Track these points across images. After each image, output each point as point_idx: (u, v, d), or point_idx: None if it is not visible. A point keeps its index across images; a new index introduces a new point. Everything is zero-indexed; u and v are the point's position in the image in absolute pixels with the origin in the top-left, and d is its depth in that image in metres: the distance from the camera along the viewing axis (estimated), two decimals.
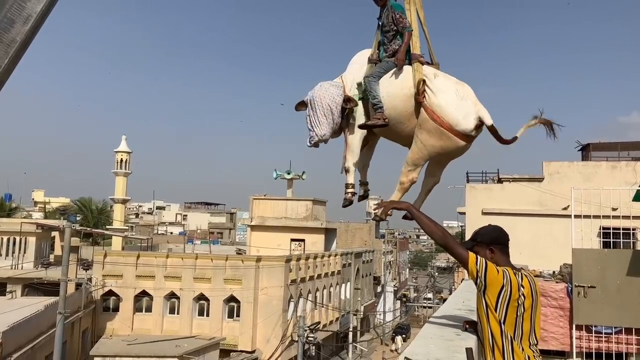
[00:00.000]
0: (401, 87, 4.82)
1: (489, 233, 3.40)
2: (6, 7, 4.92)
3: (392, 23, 5.04)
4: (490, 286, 3.09)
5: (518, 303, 3.10)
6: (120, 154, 42.03)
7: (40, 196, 72.45)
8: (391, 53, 5.07)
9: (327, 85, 5.09)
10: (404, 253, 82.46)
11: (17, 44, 4.76)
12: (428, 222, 3.37)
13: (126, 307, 29.88)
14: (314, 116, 5.00)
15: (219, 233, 77.46)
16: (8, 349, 17.50)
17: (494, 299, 3.08)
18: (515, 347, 3.07)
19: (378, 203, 3.76)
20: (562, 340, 8.11)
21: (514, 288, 3.10)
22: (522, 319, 3.12)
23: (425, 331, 3.42)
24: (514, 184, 21.89)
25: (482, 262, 3.13)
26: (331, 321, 37.62)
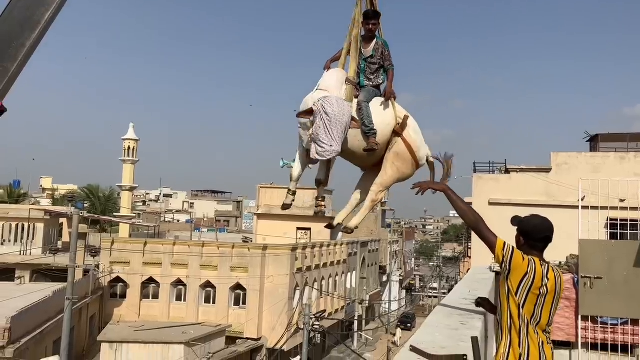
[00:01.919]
0: (384, 118, 5.28)
1: (525, 225, 3.55)
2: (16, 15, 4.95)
3: (380, 58, 5.48)
4: (514, 271, 3.28)
5: (540, 292, 3.28)
6: (128, 142, 42.12)
7: (48, 183, 72.82)
8: (374, 85, 5.50)
9: (342, 101, 5.14)
10: (410, 243, 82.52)
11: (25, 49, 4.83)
12: (462, 206, 3.60)
13: (133, 294, 30.11)
14: (330, 131, 4.99)
15: (225, 221, 77.70)
16: (17, 334, 17.69)
17: (516, 284, 3.28)
18: (530, 330, 3.27)
19: (415, 183, 3.90)
20: (568, 330, 8.12)
21: (538, 277, 3.27)
22: (542, 309, 3.31)
23: (431, 320, 3.43)
24: (522, 175, 21.79)
25: (509, 248, 3.32)
26: (337, 310, 37.77)
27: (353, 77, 5.41)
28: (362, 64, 5.49)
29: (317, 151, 4.98)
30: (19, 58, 4.69)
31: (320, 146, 4.96)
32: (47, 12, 4.83)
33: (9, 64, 4.62)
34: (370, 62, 5.48)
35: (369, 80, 5.49)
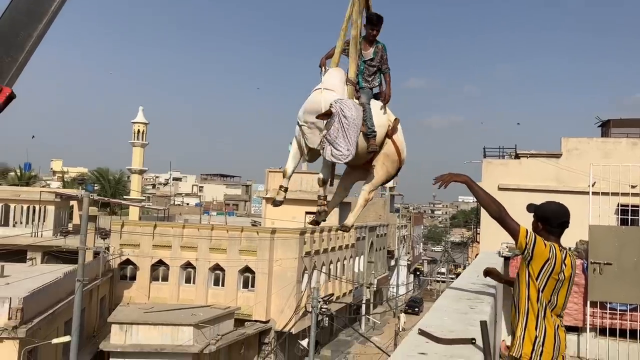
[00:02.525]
0: (381, 120, 5.41)
1: (543, 211, 3.63)
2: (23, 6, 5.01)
3: (379, 61, 5.56)
4: (536, 258, 3.37)
5: (558, 277, 3.38)
6: (138, 125, 42.22)
7: (58, 166, 73.28)
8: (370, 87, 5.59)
9: (356, 104, 5.21)
10: (419, 227, 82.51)
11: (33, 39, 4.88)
12: (484, 196, 3.67)
13: (143, 276, 30.39)
14: (348, 134, 5.02)
15: (234, 205, 77.94)
16: (29, 315, 17.93)
17: (537, 270, 3.38)
18: (547, 313, 3.39)
19: (437, 177, 3.88)
20: (576, 316, 8.11)
21: (558, 263, 3.37)
22: (558, 294, 3.42)
23: (439, 304, 3.44)
24: (532, 160, 21.64)
25: (532, 236, 3.40)
26: (344, 293, 37.96)
27: (353, 78, 5.47)
28: (362, 66, 5.54)
29: (334, 154, 4.99)
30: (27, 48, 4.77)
31: (337, 149, 4.98)
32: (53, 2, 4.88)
33: (17, 54, 4.72)
34: (370, 65, 5.56)
35: (367, 82, 5.57)
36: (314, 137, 5.18)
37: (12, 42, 4.68)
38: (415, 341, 2.35)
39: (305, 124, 5.21)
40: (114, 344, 23.81)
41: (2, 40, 4.67)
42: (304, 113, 5.23)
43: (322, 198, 5.66)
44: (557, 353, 3.37)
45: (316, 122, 5.09)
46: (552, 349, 3.35)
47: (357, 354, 35.75)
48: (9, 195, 32.40)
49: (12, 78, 4.71)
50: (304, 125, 5.23)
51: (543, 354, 3.33)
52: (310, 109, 5.16)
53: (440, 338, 2.35)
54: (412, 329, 2.58)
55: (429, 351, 2.20)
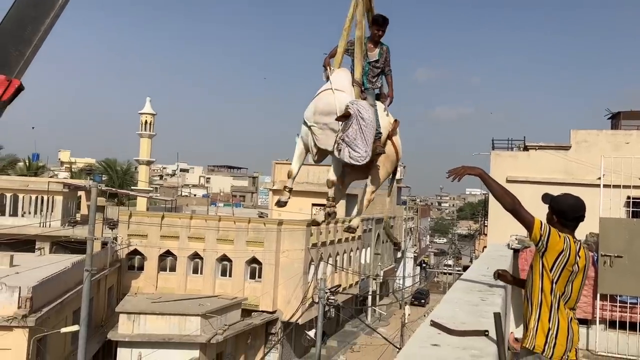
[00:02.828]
0: (384, 122, 5.45)
1: (559, 204, 3.60)
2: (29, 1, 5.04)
3: (383, 62, 5.61)
4: (551, 250, 3.36)
5: (572, 269, 3.37)
6: (145, 116, 42.23)
7: (66, 156, 73.62)
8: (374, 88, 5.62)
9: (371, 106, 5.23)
10: (425, 220, 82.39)
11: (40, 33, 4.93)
12: (498, 189, 3.64)
13: (151, 266, 30.55)
14: (365, 136, 5.03)
15: (241, 196, 78.07)
16: (38, 304, 18.07)
17: (551, 261, 3.37)
18: (561, 305, 3.39)
19: (450, 170, 3.86)
20: (585, 308, 8.07)
21: (572, 254, 3.37)
22: (572, 286, 3.42)
23: (450, 296, 3.42)
24: (540, 152, 21.47)
25: (547, 228, 3.40)
26: (351, 285, 38.02)
27: (359, 79, 5.47)
28: (366, 67, 5.55)
29: (352, 156, 4.99)
30: (34, 42, 4.84)
31: (356, 151, 4.98)
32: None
33: (25, 48, 4.80)
34: (374, 66, 5.59)
35: (371, 84, 5.59)
36: (326, 138, 5.16)
37: (20, 36, 4.76)
38: (427, 333, 2.33)
39: (316, 124, 5.19)
40: (122, 333, 23.97)
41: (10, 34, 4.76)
42: (315, 114, 5.20)
43: (332, 199, 5.66)
44: (570, 345, 3.35)
45: (329, 123, 5.08)
46: (565, 342, 3.33)
47: (363, 344, 35.84)
48: (17, 186, 32.57)
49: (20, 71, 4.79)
50: (315, 126, 5.20)
51: (556, 346, 3.31)
52: (323, 110, 5.14)
53: (453, 330, 2.33)
54: (417, 321, 2.56)
55: (442, 343, 2.18)
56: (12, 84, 4.72)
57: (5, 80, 4.67)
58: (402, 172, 67.32)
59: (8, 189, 32.23)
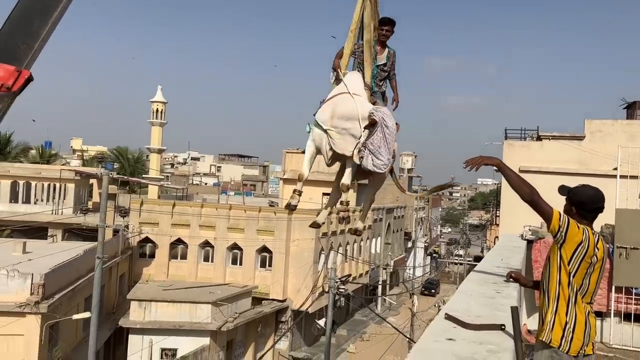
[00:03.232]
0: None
1: (579, 195, 3.51)
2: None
3: (390, 66, 5.67)
4: (569, 241, 3.28)
5: (591, 261, 3.29)
6: (156, 104, 42.23)
7: (78, 144, 74.03)
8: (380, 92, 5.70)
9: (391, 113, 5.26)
10: (436, 210, 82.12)
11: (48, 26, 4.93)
12: (516, 179, 3.53)
13: (162, 254, 30.71)
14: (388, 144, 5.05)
15: (252, 185, 78.23)
16: (50, 290, 18.21)
17: (569, 253, 3.29)
18: (578, 299, 3.31)
19: (468, 160, 3.79)
20: (600, 301, 7.96)
21: (591, 246, 3.28)
22: (589, 278, 3.33)
23: (465, 287, 3.34)
24: (554, 142, 21.27)
25: (565, 219, 3.32)
26: (361, 274, 38.03)
27: (369, 82, 5.48)
28: (375, 70, 5.56)
29: (376, 164, 4.97)
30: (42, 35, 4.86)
31: (379, 159, 4.97)
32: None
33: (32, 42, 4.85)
34: (382, 70, 5.62)
35: (378, 87, 5.62)
36: (344, 143, 5.10)
37: (27, 29, 4.77)
38: (442, 326, 2.26)
39: (334, 128, 5.12)
40: (133, 320, 24.15)
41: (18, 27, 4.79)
42: (333, 117, 5.12)
43: (346, 203, 5.66)
44: (588, 340, 3.27)
45: (350, 129, 5.02)
46: (583, 336, 3.25)
47: (373, 334, 35.87)
48: (30, 173, 32.76)
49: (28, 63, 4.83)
50: (332, 130, 5.13)
51: (573, 340, 3.23)
52: (343, 115, 5.07)
53: (468, 323, 2.25)
54: (428, 310, 2.48)
55: (457, 337, 2.10)
56: (21, 75, 4.75)
57: (15, 71, 4.71)
58: (413, 161, 67.19)
59: (21, 176, 32.43)
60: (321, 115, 5.22)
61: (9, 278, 17.33)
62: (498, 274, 3.85)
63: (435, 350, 1.94)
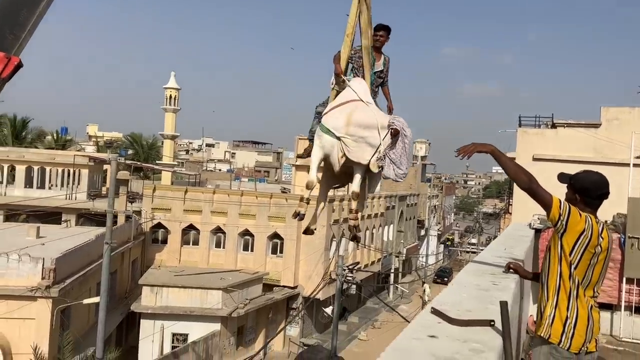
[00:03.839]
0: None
1: (583, 181, 3.30)
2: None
3: (385, 73, 5.68)
4: (570, 230, 3.08)
5: (594, 251, 3.09)
6: (170, 91, 42.26)
7: (94, 130, 74.51)
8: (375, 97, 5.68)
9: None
10: (450, 198, 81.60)
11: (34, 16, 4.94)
12: (512, 166, 3.35)
13: (174, 240, 30.85)
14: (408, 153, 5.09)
15: (265, 172, 78.23)
16: (61, 275, 18.34)
17: (571, 243, 3.09)
18: (580, 292, 3.10)
19: (459, 148, 3.60)
20: (610, 292, 7.75)
21: (594, 235, 3.08)
22: (593, 269, 3.13)
23: (460, 279, 3.17)
24: (569, 130, 20.87)
25: (566, 207, 3.11)
26: (373, 262, 37.92)
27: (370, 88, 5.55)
28: (372, 77, 5.59)
29: (397, 173, 5.00)
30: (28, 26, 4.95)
31: (400, 169, 4.99)
32: None
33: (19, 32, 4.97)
34: (378, 76, 5.64)
35: (374, 94, 5.63)
36: (360, 151, 5.05)
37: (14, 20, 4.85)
38: (426, 321, 2.11)
39: (350, 136, 5.04)
40: (145, 305, 24.31)
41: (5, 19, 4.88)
42: (349, 125, 5.03)
43: (355, 212, 5.60)
44: (590, 336, 3.07)
45: (367, 137, 4.98)
46: (585, 332, 3.05)
47: (384, 321, 35.83)
48: (44, 159, 33.02)
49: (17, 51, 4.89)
50: (347, 138, 5.05)
51: (574, 336, 3.04)
52: (361, 123, 5.01)
53: (454, 319, 2.10)
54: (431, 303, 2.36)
55: (440, 334, 1.95)
56: (11, 61, 4.88)
57: (4, 58, 4.79)
58: (427, 149, 66.66)
59: (35, 161, 32.70)
60: (333, 122, 5.12)
61: (20, 262, 17.49)
62: (498, 264, 3.68)
63: (414, 348, 1.79)
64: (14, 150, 34.36)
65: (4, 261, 17.50)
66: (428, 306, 2.30)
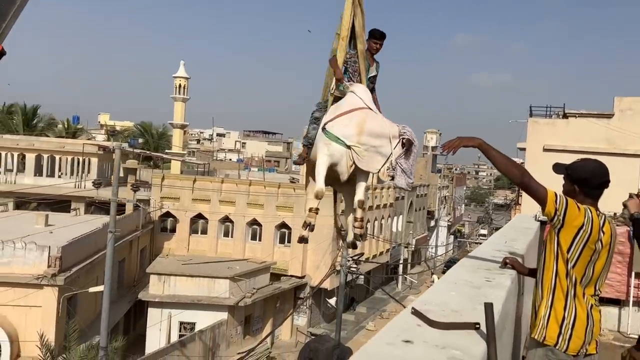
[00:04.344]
0: None
1: (580, 170, 3.05)
2: None
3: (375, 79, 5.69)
4: (568, 225, 2.84)
5: (595, 247, 2.85)
6: (179, 80, 42.09)
7: (105, 119, 74.73)
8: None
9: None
10: (461, 188, 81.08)
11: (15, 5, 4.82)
12: (503, 160, 3.08)
13: (182, 229, 30.89)
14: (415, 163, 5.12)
15: (275, 162, 78.16)
16: (67, 263, 18.38)
17: (569, 239, 2.86)
18: (578, 291, 2.88)
19: (444, 144, 3.38)
20: (618, 287, 7.52)
21: (595, 229, 2.84)
22: (593, 266, 2.90)
23: (450, 275, 2.96)
24: (581, 120, 20.50)
25: (563, 201, 2.86)
26: (381, 252, 37.75)
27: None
28: (367, 82, 5.58)
29: (407, 183, 4.98)
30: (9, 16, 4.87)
31: (410, 178, 4.97)
32: None
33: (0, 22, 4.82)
34: (371, 82, 5.64)
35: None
36: (371, 160, 5.01)
37: None
38: (404, 324, 1.92)
39: (361, 145, 4.98)
40: (152, 293, 24.36)
41: None
42: (361, 134, 4.97)
43: (360, 220, 5.53)
44: (590, 337, 2.85)
45: (378, 147, 4.94)
46: (584, 333, 2.82)
47: (393, 311, 35.73)
48: (54, 147, 33.14)
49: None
50: (359, 147, 4.98)
51: (572, 338, 2.81)
52: (373, 132, 4.96)
53: (435, 321, 1.92)
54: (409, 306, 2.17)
55: (417, 339, 1.76)
56: None
57: None
58: (437, 139, 66.19)
59: (45, 150, 32.84)
60: (343, 130, 5.03)
61: (26, 250, 17.53)
62: (496, 258, 3.47)
63: (384, 356, 1.61)
64: (24, 139, 34.50)
65: (11, 249, 17.56)
66: (409, 305, 2.13)
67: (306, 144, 5.64)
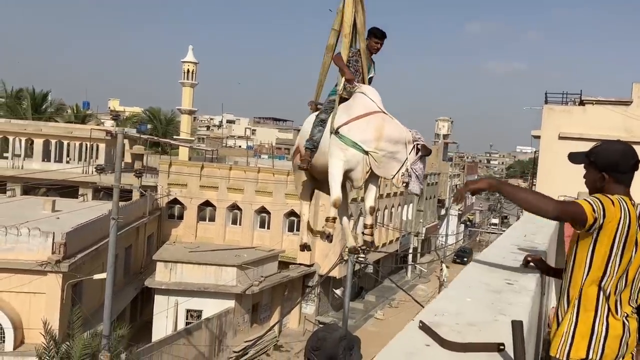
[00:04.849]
0: None
1: (606, 155, 2.56)
2: None
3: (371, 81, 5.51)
4: (607, 227, 2.39)
5: (637, 241, 2.40)
6: (187, 65, 41.67)
7: (115, 105, 74.63)
8: None
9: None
10: (472, 177, 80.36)
11: None
12: (523, 195, 2.61)
13: (190, 216, 30.67)
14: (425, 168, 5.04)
15: (286, 149, 77.81)
16: (72, 250, 18.17)
17: (608, 242, 2.41)
18: (612, 303, 2.42)
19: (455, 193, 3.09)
20: None
21: (632, 222, 2.39)
22: (629, 266, 2.44)
23: (464, 276, 2.54)
24: (598, 107, 19.87)
25: (598, 204, 2.39)
26: (391, 241, 37.38)
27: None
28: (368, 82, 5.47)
29: (420, 189, 4.93)
30: None
31: (421, 184, 4.93)
32: None
33: None
34: (369, 82, 5.52)
35: None
36: (389, 166, 4.87)
37: None
38: (409, 344, 1.53)
39: (379, 151, 4.80)
40: (159, 280, 24.18)
41: None
42: (380, 140, 4.78)
43: (370, 227, 5.42)
44: (625, 350, 2.45)
45: (396, 152, 4.80)
46: (618, 347, 2.41)
47: (402, 300, 35.41)
48: (62, 132, 32.96)
49: None
50: (377, 153, 4.80)
51: (605, 351, 2.41)
52: (392, 138, 4.79)
53: (448, 341, 1.53)
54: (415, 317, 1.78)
55: None
56: None
57: None
58: (449, 127, 65.43)
59: (53, 135, 32.67)
60: (360, 134, 4.81)
61: (30, 236, 17.33)
62: (516, 256, 3.07)
63: None
64: (32, 124, 34.35)
65: (15, 235, 17.36)
66: (417, 318, 1.73)
67: (310, 147, 5.27)
